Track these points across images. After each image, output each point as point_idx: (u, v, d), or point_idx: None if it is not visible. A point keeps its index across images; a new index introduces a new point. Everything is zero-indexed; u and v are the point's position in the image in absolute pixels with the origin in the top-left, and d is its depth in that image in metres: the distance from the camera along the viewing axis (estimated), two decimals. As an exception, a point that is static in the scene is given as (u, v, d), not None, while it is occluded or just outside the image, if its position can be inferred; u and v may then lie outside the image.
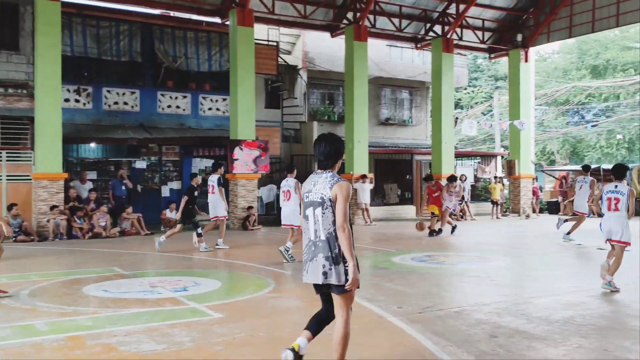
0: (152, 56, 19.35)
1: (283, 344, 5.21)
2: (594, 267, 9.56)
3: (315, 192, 4.21)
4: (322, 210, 4.15)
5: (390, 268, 9.74)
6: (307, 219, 4.26)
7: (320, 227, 4.15)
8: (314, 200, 4.21)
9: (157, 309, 6.63)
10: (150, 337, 5.39)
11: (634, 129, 38.64)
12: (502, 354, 4.88)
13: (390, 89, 26.72)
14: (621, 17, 21.44)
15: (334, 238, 4.12)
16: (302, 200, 4.39)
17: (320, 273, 4.12)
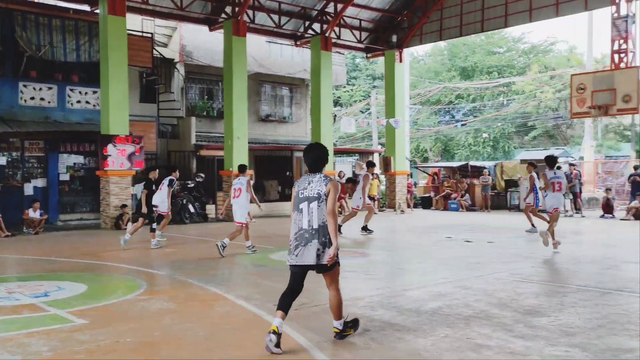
0: (13, 44, 17.87)
1: (152, 349, 4.97)
2: (462, 259, 10.09)
3: (311, 189, 5.09)
4: (318, 203, 5.03)
5: (268, 265, 9.68)
6: (300, 211, 5.08)
7: (315, 218, 5.02)
8: (310, 195, 5.07)
9: (13, 317, 6.08)
10: (3, 348, 4.92)
11: (498, 129, 41.48)
12: (374, 347, 4.96)
13: (271, 85, 26.68)
14: (485, 23, 22.88)
15: (325, 227, 5.01)
16: (295, 196, 5.20)
17: (314, 255, 4.99)
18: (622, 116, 31.54)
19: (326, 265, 5.06)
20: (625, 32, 18.03)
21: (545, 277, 8.21)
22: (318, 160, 5.25)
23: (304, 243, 5.04)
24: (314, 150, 5.30)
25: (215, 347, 5.02)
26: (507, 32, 43.89)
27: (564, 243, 12.67)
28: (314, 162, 5.25)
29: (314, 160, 5.25)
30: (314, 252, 5.00)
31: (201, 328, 5.62)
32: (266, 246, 12.35)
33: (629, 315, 5.95)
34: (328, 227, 5.01)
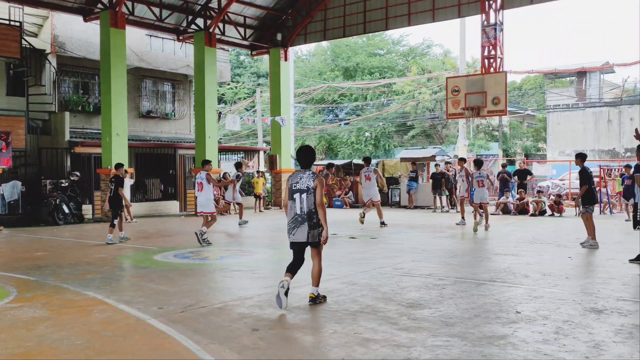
0: None
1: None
2: (347, 255, 10.31)
3: (302, 183, 6.34)
4: (307, 195, 6.29)
5: (151, 267, 9.33)
6: (294, 200, 6.35)
7: (305, 206, 6.28)
8: (302, 188, 6.32)
9: None
10: None
11: (379, 128, 42.91)
12: (263, 347, 4.92)
13: (152, 80, 25.78)
14: (367, 25, 23.59)
15: (312, 213, 6.28)
16: (289, 188, 6.43)
17: (306, 234, 6.29)
18: (492, 117, 33.79)
19: (315, 242, 6.33)
20: (494, 39, 19.31)
21: (425, 270, 8.58)
22: (309, 161, 6.48)
23: (298, 225, 6.33)
24: (307, 152, 6.51)
25: (95, 356, 4.74)
26: (387, 34, 45.58)
27: (441, 237, 13.36)
28: (306, 162, 6.47)
29: (306, 160, 6.47)
30: (305, 231, 6.29)
31: (78, 336, 5.30)
32: (149, 247, 11.92)
33: (500, 304, 6.36)
34: (318, 214, 6.29)
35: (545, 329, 5.29)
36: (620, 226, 15.28)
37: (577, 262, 9.28)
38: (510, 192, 20.43)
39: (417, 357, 4.56)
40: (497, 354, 4.62)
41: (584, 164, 11.12)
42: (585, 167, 11.13)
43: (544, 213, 18.93)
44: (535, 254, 10.17)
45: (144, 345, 5.03)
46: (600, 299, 6.53)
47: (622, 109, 33.34)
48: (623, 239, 12.18)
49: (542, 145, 42.02)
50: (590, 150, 34.31)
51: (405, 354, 4.64)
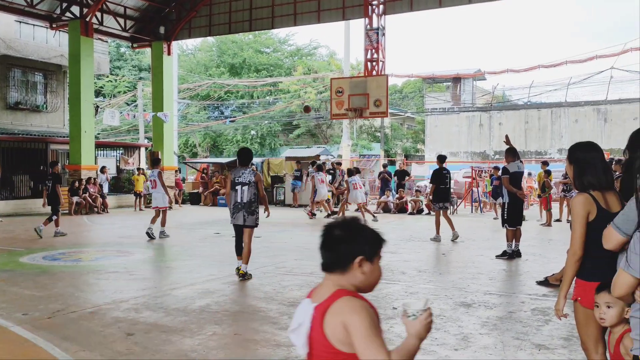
0: None
1: None
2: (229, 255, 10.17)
3: (244, 177, 7.88)
4: (248, 187, 7.84)
5: (16, 270, 8.68)
6: (236, 191, 7.86)
7: (245, 196, 7.84)
8: (243, 181, 7.86)
9: None
10: None
11: (265, 126, 42.88)
12: (138, 352, 4.72)
13: (21, 70, 24.05)
14: (254, 23, 23.46)
15: (252, 202, 7.85)
16: (232, 180, 7.94)
17: (242, 219, 7.84)
18: (374, 119, 34.88)
19: (250, 225, 7.88)
20: (376, 43, 19.90)
21: (307, 269, 8.64)
22: (248, 159, 8.14)
23: (238, 211, 7.85)
24: (247, 153, 8.23)
25: (-53, 370, 4.32)
26: (273, 33, 45.62)
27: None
28: (246, 160, 8.13)
29: (246, 159, 8.13)
30: (242, 217, 7.84)
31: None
32: (15, 248, 11.09)
33: (378, 300, 6.53)
34: (261, 202, 8.06)
35: (419, 324, 5.50)
36: (489, 224, 16.32)
37: (450, 259, 9.78)
38: (391, 192, 21.17)
39: (297, 356, 4.58)
40: (373, 350, 4.73)
41: (442, 164, 12.25)
42: (438, 168, 12.22)
43: (421, 211, 19.80)
44: (413, 251, 10.60)
45: (5, 354, 4.66)
46: (470, 293, 6.92)
47: (492, 114, 35.65)
48: (491, 236, 13.02)
49: (421, 147, 43.96)
50: (464, 152, 36.38)
51: (285, 353, 4.64)
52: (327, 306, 1.91)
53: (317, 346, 1.93)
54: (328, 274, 2.02)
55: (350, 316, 1.85)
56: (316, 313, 1.93)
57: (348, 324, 1.85)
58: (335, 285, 1.98)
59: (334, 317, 1.88)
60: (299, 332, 1.98)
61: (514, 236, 9.68)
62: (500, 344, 4.91)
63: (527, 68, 33.70)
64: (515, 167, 9.76)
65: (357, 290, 2.00)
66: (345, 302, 1.90)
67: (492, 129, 35.02)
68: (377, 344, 1.82)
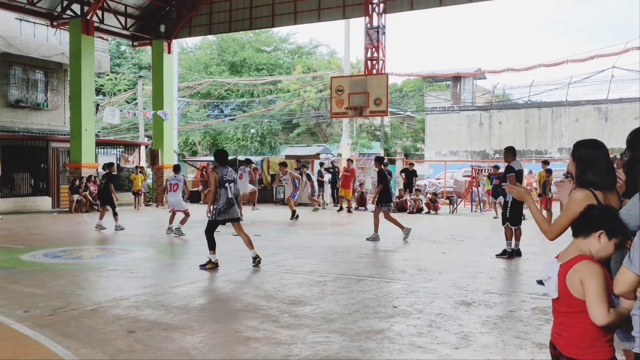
0: None
1: None
2: (229, 253, 10.19)
3: (229, 175, 8.61)
4: (234, 184, 8.62)
5: (17, 267, 8.69)
6: (226, 189, 8.49)
7: (233, 192, 8.55)
8: (230, 179, 8.57)
9: None
10: None
11: (265, 125, 42.87)
12: (139, 349, 4.73)
13: (22, 67, 24.04)
14: (254, 22, 23.45)
15: (237, 197, 8.74)
16: (220, 178, 8.50)
17: (238, 212, 8.71)
18: (374, 117, 34.89)
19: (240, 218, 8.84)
20: (377, 42, 19.89)
21: (307, 267, 8.67)
22: (227, 159, 8.88)
23: (231, 206, 8.55)
24: (225, 153, 9.02)
25: (-51, 367, 4.34)
26: (274, 31, 45.59)
27: (325, 234, 13.59)
28: (225, 160, 8.82)
29: (225, 159, 8.84)
30: (237, 211, 8.67)
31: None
32: (15, 246, 11.10)
33: (379, 299, 6.56)
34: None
35: (420, 322, 5.53)
36: (488, 223, 16.33)
37: (450, 258, 9.79)
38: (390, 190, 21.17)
39: (298, 354, 4.59)
40: (374, 348, 4.75)
41: (381, 166, 12.58)
42: (382, 169, 12.50)
43: (421, 210, 19.82)
44: (412, 250, 10.62)
45: (6, 352, 4.67)
46: (470, 292, 6.93)
47: (492, 113, 35.64)
48: (491, 235, 13.03)
49: (421, 146, 43.98)
50: (464, 151, 36.38)
51: (285, 351, 4.65)
52: (570, 266, 2.62)
53: (560, 293, 2.65)
54: (575, 238, 2.73)
55: (587, 276, 2.55)
56: (561, 269, 2.66)
57: (585, 281, 2.55)
58: (578, 250, 2.68)
59: (574, 274, 2.59)
60: (549, 283, 2.70)
61: (512, 235, 9.70)
62: (501, 342, 4.93)
63: (527, 67, 33.70)
64: (518, 165, 9.82)
65: (591, 256, 2.65)
66: (584, 265, 2.59)
67: (492, 128, 35.01)
68: (602, 301, 2.51)
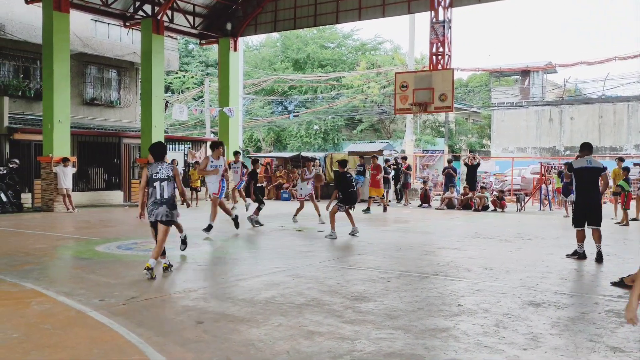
0: None
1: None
2: (293, 248, 10.31)
3: (162, 173, 7.62)
4: (168, 183, 7.62)
5: (93, 258, 9.09)
6: (154, 187, 7.59)
7: (165, 192, 7.60)
8: (162, 177, 7.60)
9: None
10: None
11: (329, 121, 43.00)
12: (208, 339, 4.87)
13: (97, 67, 25.06)
14: (318, 18, 23.56)
15: (170, 198, 7.64)
16: (150, 176, 7.61)
17: (164, 215, 7.57)
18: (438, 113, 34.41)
19: (169, 220, 7.67)
20: (442, 36, 19.61)
21: (371, 264, 8.66)
22: (163, 154, 7.83)
23: (157, 207, 7.57)
24: (160, 147, 7.87)
25: (33, 349, 4.58)
26: (338, 28, 45.66)
27: (389, 231, 13.52)
28: (161, 155, 7.80)
29: (161, 154, 7.80)
30: (164, 212, 7.57)
31: (15, 329, 5.12)
32: (91, 237, 11.61)
33: (443, 297, 6.49)
34: (181, 196, 8.24)
35: (486, 322, 5.43)
36: (558, 222, 15.83)
37: (517, 257, 9.55)
38: (455, 188, 20.86)
39: (361, 349, 4.61)
40: (439, 346, 4.71)
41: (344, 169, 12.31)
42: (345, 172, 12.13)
43: (486, 208, 19.42)
44: (478, 248, 10.42)
45: (84, 338, 4.90)
46: (539, 292, 6.75)
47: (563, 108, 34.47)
48: (561, 235, 12.63)
49: (487, 142, 43.05)
50: (532, 147, 35.36)
51: (349, 346, 4.67)
52: None
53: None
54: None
55: None
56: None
57: None
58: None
59: None
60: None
61: (583, 237, 9.30)
62: (572, 345, 4.78)
63: (601, 60, 32.35)
64: (583, 162, 9.32)
65: None
66: None
67: (564, 124, 33.86)
68: None
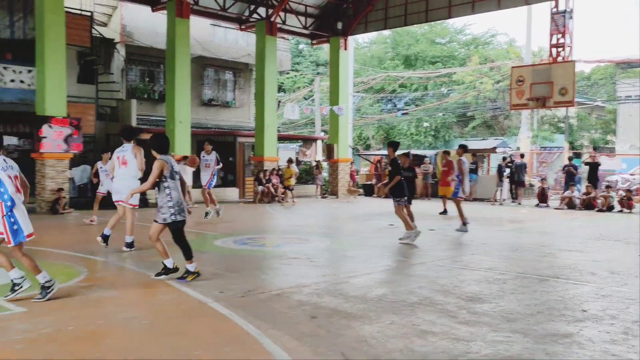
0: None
1: (95, 338, 4.81)
2: (404, 246, 10.24)
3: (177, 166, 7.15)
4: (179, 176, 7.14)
5: (211, 252, 9.54)
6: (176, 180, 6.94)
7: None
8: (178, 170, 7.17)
9: (-57, 306, 5.76)
10: None
11: (439, 118, 42.23)
12: (322, 334, 4.96)
13: (214, 69, 26.23)
14: (430, 14, 23.16)
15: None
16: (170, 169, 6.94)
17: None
18: (558, 108, 32.74)
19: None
20: (563, 27, 18.65)
21: (485, 264, 8.42)
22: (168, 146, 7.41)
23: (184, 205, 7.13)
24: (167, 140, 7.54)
25: (161, 336, 4.90)
26: (449, 22, 44.67)
27: (503, 231, 13.06)
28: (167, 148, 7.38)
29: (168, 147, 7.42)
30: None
31: (145, 316, 5.49)
32: (209, 232, 12.18)
33: (565, 301, 6.17)
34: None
35: (613, 329, 5.11)
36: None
37: (647, 261, 8.90)
38: (575, 186, 19.77)
39: (477, 351, 4.50)
40: (561, 353, 4.49)
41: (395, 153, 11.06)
42: (395, 158, 10.89)
43: (612, 209, 18.23)
44: (603, 251, 9.82)
45: (206, 327, 5.16)
46: (672, 299, 6.25)
47: (698, 101, 31.65)
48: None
49: (611, 138, 40.41)
50: (663, 144, 32.76)
51: (464, 347, 4.57)
52: None
53: None
54: None
55: None
56: None
57: None
58: None
59: None
60: None
61: None
62: None
63: None
64: None
65: None
66: None
67: (699, 118, 31.06)
68: None
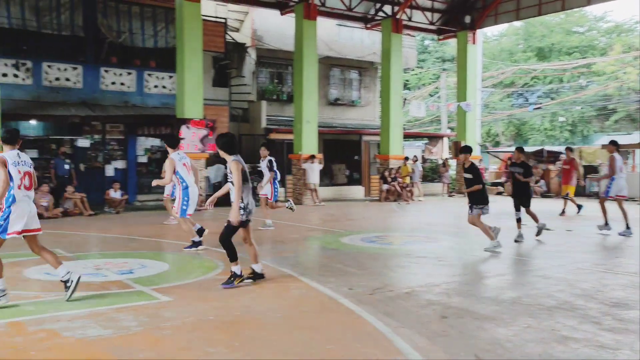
0: (95, 31, 18.62)
1: (234, 328, 5.09)
2: (540, 247, 9.79)
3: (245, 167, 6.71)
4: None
5: (339, 249, 9.70)
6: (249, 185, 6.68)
7: None
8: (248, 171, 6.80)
9: (102, 293, 6.36)
10: (95, 322, 5.15)
11: (576, 112, 39.79)
12: (453, 335, 4.88)
13: (340, 69, 26.59)
14: (567, 2, 21.88)
15: None
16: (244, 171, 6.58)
17: None
18: None
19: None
20: None
21: (632, 268, 7.83)
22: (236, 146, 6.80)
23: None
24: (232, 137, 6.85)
25: (294, 329, 5.08)
26: (587, 10, 41.91)
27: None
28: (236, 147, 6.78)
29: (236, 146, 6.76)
30: None
31: (279, 309, 5.71)
32: (336, 230, 12.39)
33: None
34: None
35: None
36: None
37: None
38: None
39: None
40: None
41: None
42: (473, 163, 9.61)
43: None
44: None
45: (336, 323, 5.27)
46: None
47: None
48: None
49: None
50: None
51: (610, 356, 4.30)
52: None
53: None
54: None
55: None
56: None
57: None
58: None
59: None
60: None
61: None
62: None
63: None
64: None
65: None
66: None
67: None
68: None
